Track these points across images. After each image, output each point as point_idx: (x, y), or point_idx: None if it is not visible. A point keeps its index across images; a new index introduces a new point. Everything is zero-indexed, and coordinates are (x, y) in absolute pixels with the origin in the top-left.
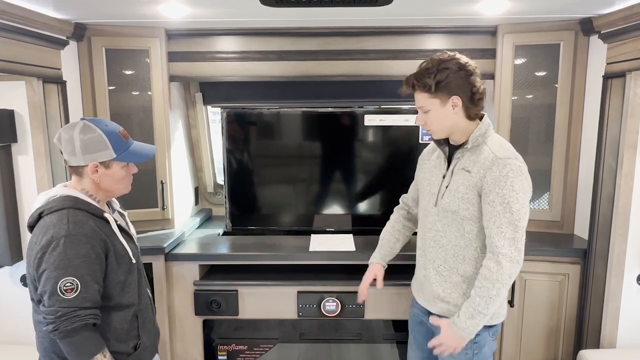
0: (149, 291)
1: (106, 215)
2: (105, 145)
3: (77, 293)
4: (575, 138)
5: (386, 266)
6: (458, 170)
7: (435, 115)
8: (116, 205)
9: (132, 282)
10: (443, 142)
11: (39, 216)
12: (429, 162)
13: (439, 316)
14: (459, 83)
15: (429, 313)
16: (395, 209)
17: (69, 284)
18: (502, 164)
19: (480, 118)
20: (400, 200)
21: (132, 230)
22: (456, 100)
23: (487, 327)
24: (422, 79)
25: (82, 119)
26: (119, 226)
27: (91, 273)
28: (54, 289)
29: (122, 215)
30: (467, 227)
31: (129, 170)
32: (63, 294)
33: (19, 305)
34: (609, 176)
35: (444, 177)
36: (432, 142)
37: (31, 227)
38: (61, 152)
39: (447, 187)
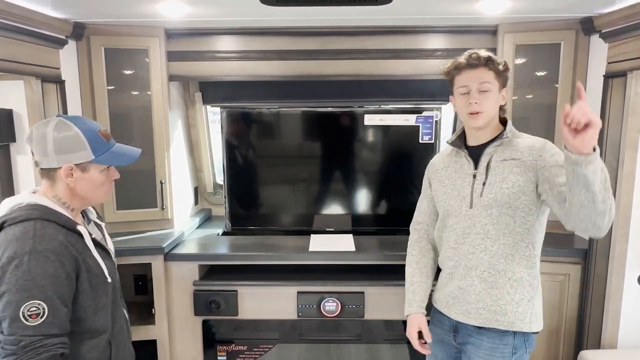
0: (125, 312)
1: (79, 228)
2: (83, 146)
3: (43, 319)
4: None
5: (426, 313)
6: (497, 163)
7: (492, 98)
8: (92, 215)
9: (107, 304)
10: (460, 144)
11: (1, 227)
12: (445, 171)
13: (480, 327)
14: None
15: (457, 329)
16: (412, 242)
17: (34, 309)
18: (551, 144)
19: (503, 122)
20: (413, 230)
21: (110, 245)
22: (505, 94)
23: (525, 336)
24: (496, 59)
25: (58, 115)
26: (94, 240)
27: (60, 295)
28: (16, 314)
29: (98, 226)
30: (519, 220)
31: (110, 175)
32: (27, 320)
33: None
34: (610, 176)
35: (474, 176)
36: (437, 156)
37: None
38: (32, 154)
39: (483, 183)
